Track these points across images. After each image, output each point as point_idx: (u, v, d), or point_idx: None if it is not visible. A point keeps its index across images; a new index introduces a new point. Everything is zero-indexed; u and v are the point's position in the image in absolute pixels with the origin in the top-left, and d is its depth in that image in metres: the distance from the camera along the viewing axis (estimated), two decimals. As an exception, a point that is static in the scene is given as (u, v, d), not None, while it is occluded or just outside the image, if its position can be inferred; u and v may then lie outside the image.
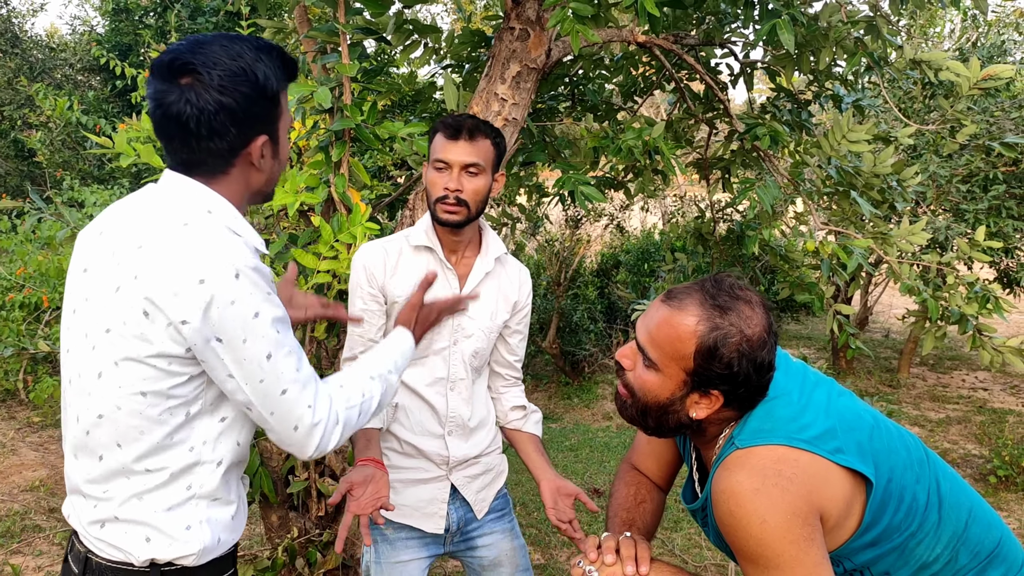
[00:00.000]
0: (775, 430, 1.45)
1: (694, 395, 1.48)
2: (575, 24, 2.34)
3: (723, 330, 1.43)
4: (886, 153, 3.33)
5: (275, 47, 1.47)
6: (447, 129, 2.06)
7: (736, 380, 1.44)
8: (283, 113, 1.49)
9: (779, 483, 1.38)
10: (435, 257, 2.12)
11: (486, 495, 2.28)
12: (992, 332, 3.21)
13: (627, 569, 1.53)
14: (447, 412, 2.17)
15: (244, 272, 1.35)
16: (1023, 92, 6.12)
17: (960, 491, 1.59)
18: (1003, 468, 5.31)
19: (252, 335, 1.36)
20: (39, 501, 4.54)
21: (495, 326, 2.20)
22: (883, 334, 10.58)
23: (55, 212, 4.48)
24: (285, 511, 2.69)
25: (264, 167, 1.48)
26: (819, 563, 1.37)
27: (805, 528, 1.37)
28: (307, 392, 1.44)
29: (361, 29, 2.61)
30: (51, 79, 10.95)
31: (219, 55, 1.37)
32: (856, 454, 1.45)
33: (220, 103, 1.36)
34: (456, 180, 2.04)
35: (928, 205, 6.57)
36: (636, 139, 2.96)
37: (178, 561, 1.45)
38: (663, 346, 1.47)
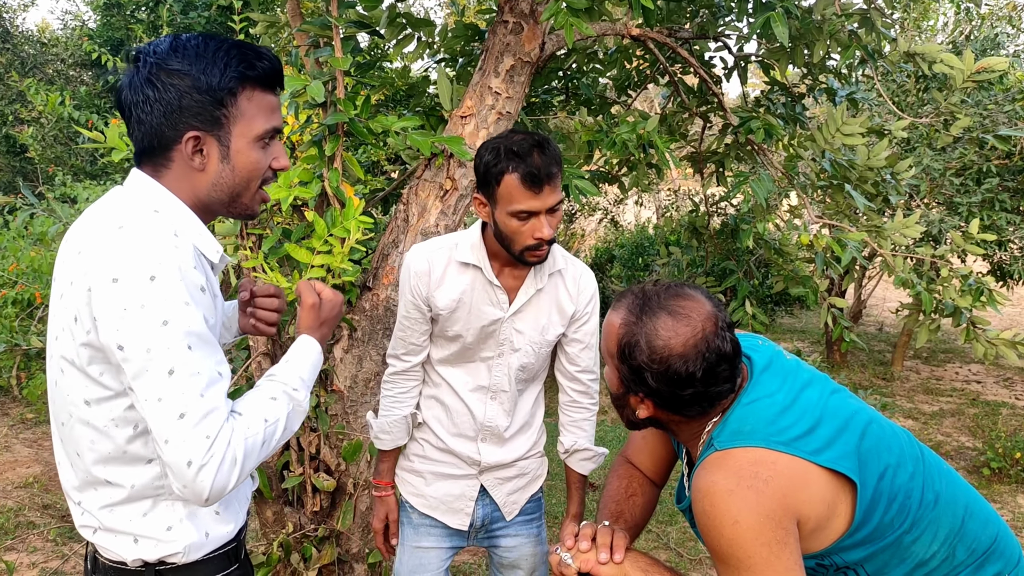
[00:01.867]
0: (754, 432, 1.45)
1: (632, 396, 1.53)
2: (569, 17, 2.33)
3: (634, 336, 1.46)
4: (880, 146, 3.33)
5: (241, 47, 1.41)
6: (527, 180, 1.84)
7: (648, 387, 1.47)
8: (240, 116, 1.41)
9: (754, 485, 1.39)
10: (481, 275, 2.02)
11: (518, 498, 2.24)
12: (986, 325, 3.22)
13: (600, 556, 1.56)
14: (484, 420, 2.13)
15: (163, 276, 1.27)
16: (1016, 85, 6.13)
17: (956, 487, 1.59)
18: (996, 460, 5.33)
19: (157, 345, 1.25)
20: (33, 498, 4.53)
21: (545, 341, 2.09)
22: (877, 327, 10.61)
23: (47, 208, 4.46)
24: (280, 507, 2.69)
25: (207, 169, 1.41)
26: (790, 568, 1.38)
27: (778, 531, 1.37)
28: (208, 422, 1.27)
29: (354, 23, 2.60)
30: (43, 74, 10.90)
31: (165, 48, 1.37)
32: (840, 454, 1.44)
33: (147, 94, 1.36)
34: (548, 226, 1.89)
35: (922, 198, 6.58)
36: (630, 133, 2.95)
37: (168, 560, 1.45)
38: (605, 339, 1.55)
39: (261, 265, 2.47)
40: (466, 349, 2.09)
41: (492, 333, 2.06)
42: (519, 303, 2.04)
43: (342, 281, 2.52)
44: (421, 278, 2.03)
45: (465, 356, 2.10)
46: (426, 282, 2.03)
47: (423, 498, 2.19)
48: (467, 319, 2.04)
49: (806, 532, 1.44)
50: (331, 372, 2.67)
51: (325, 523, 2.70)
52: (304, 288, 1.63)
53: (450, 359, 2.12)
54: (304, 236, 2.51)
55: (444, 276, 2.03)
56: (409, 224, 2.72)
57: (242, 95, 1.40)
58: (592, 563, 1.56)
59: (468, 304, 2.04)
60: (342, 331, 2.67)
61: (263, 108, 1.44)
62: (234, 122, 1.41)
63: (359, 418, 2.70)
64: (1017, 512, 4.81)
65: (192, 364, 1.27)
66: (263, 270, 2.46)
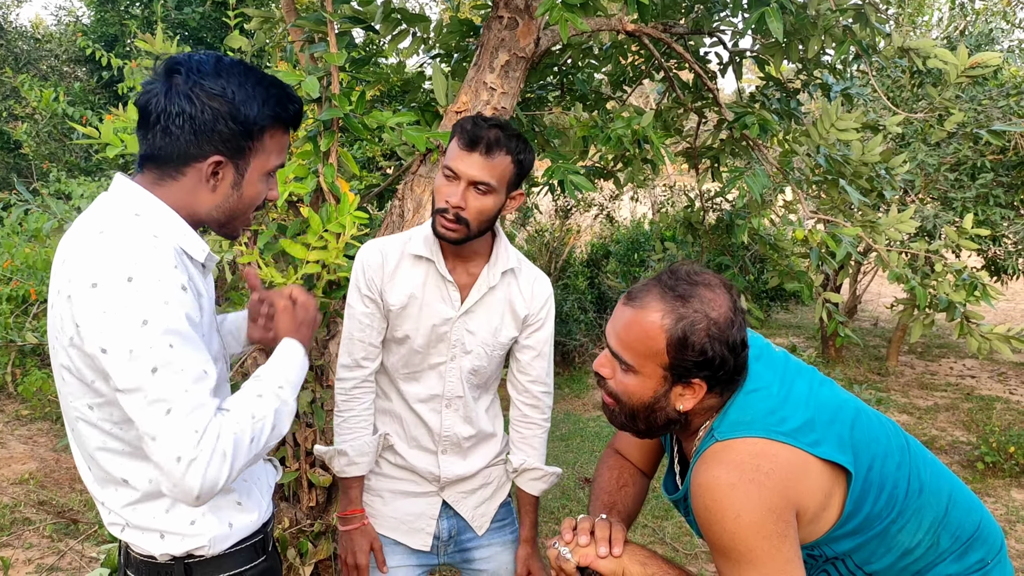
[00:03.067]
0: (754, 422, 1.46)
1: (677, 388, 1.49)
2: (564, 12, 2.33)
3: (689, 319, 1.43)
4: (874, 142, 3.34)
5: (281, 87, 1.45)
6: (464, 136, 1.83)
7: (713, 364, 1.44)
8: (261, 150, 1.45)
9: (755, 478, 1.39)
10: (434, 268, 1.96)
11: (486, 509, 2.15)
12: (980, 319, 3.23)
13: (600, 550, 1.55)
14: (440, 430, 2.05)
15: (140, 277, 1.27)
16: (1010, 80, 6.14)
17: (940, 476, 1.61)
18: (990, 455, 5.35)
19: (138, 345, 1.26)
20: (28, 494, 4.52)
21: (498, 343, 2.02)
22: (872, 322, 10.63)
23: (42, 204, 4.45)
24: (276, 501, 2.69)
25: (217, 190, 1.44)
26: (790, 560, 1.39)
27: (779, 525, 1.38)
28: (195, 418, 1.28)
29: (349, 18, 2.60)
30: (36, 70, 10.86)
31: (209, 68, 1.38)
32: (835, 445, 1.46)
33: (182, 107, 1.36)
34: (460, 195, 1.83)
35: (916, 193, 6.60)
36: (625, 128, 2.95)
37: (195, 553, 1.47)
38: (635, 347, 1.47)
39: (256, 261, 2.47)
40: (414, 354, 2.00)
41: (443, 336, 1.98)
42: (471, 301, 1.97)
43: (337, 277, 2.52)
44: (375, 270, 1.97)
45: (413, 363, 2.01)
46: (379, 275, 1.96)
47: (381, 519, 2.09)
48: (418, 317, 1.97)
49: (804, 523, 1.45)
50: (326, 368, 2.67)
51: (321, 518, 2.70)
52: (274, 295, 1.64)
53: (399, 367, 2.03)
54: (299, 232, 2.51)
55: (397, 270, 1.97)
56: (404, 220, 2.72)
57: (268, 133, 1.44)
58: (591, 557, 1.55)
59: (419, 301, 1.96)
60: (337, 327, 2.67)
61: (280, 146, 1.49)
62: (255, 155, 1.45)
63: (355, 414, 2.70)
64: (1011, 506, 4.83)
65: (175, 362, 1.28)
66: (258, 266, 2.46)
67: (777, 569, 1.38)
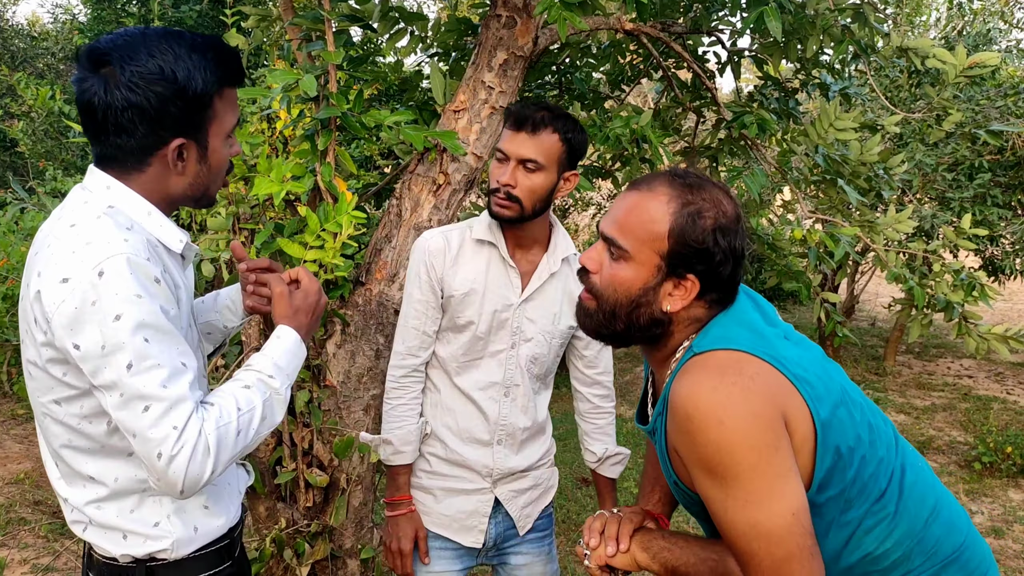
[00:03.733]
0: (738, 338, 1.35)
1: (667, 284, 1.39)
2: (562, 11, 2.32)
3: (697, 205, 1.36)
4: (873, 141, 3.33)
5: (215, 46, 1.37)
6: (512, 118, 1.91)
7: (712, 260, 1.36)
8: (216, 117, 1.39)
9: (739, 381, 1.27)
10: (497, 253, 1.99)
11: (532, 511, 2.17)
12: (978, 319, 3.23)
13: (608, 549, 1.52)
14: (498, 419, 2.05)
15: (111, 271, 1.25)
16: (1008, 80, 6.14)
17: (926, 486, 1.49)
18: (988, 455, 5.36)
19: (112, 341, 1.23)
20: (24, 494, 4.51)
21: (557, 331, 2.06)
22: (869, 322, 10.64)
23: (38, 203, 4.44)
24: (273, 502, 2.68)
25: (186, 171, 1.40)
26: (782, 474, 1.25)
27: (767, 434, 1.25)
28: (175, 413, 1.25)
29: (346, 17, 2.59)
30: (33, 68, 10.83)
31: (139, 50, 1.31)
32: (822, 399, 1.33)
33: (128, 100, 1.30)
34: (511, 174, 1.89)
35: (914, 193, 6.60)
36: (624, 127, 2.95)
37: (157, 556, 1.44)
38: (635, 230, 1.38)
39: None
40: (476, 340, 2.02)
41: (504, 322, 2.01)
42: (532, 287, 2.01)
43: (334, 276, 2.51)
44: (436, 256, 1.99)
45: (474, 351, 2.03)
46: (441, 260, 1.98)
47: (433, 516, 2.09)
48: (481, 303, 1.99)
49: (794, 445, 1.30)
50: (324, 367, 2.66)
51: (318, 519, 2.69)
52: (272, 278, 1.59)
53: (457, 356, 2.04)
54: (297, 231, 2.50)
55: (459, 255, 2.00)
56: (402, 219, 2.71)
57: (217, 97, 1.38)
58: (604, 558, 1.53)
59: (482, 288, 1.99)
60: (335, 326, 2.66)
61: (231, 105, 1.43)
62: (211, 124, 1.39)
63: (352, 413, 2.69)
64: (1008, 506, 4.83)
65: (151, 357, 1.26)
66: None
67: (767, 485, 1.24)
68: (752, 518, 1.26)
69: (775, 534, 1.25)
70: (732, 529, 1.28)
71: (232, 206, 2.68)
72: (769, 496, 1.25)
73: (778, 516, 1.25)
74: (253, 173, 2.56)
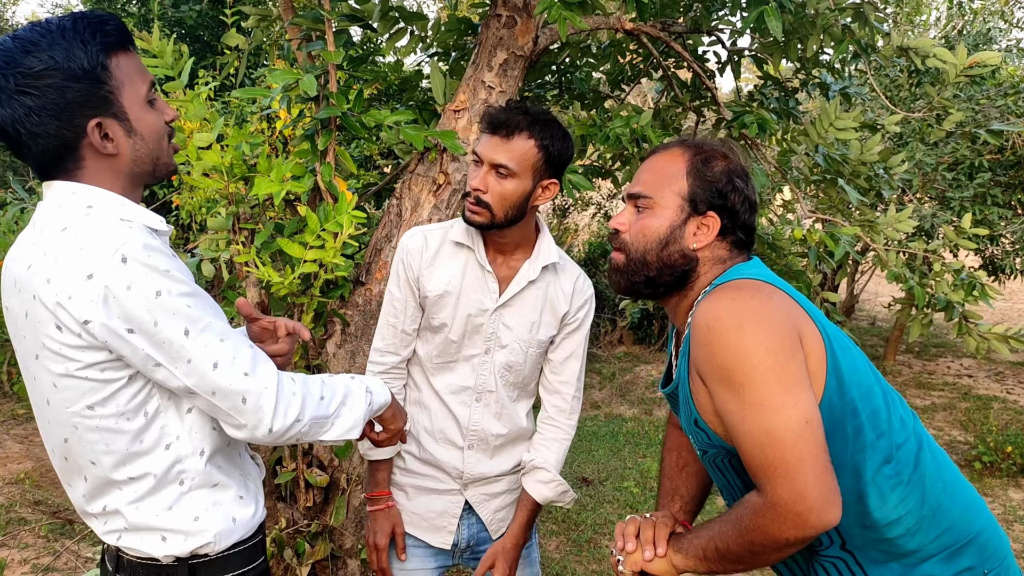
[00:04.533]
0: (754, 272, 1.48)
1: (691, 224, 1.52)
2: (562, 11, 2.32)
3: (707, 151, 1.54)
4: (873, 141, 3.33)
5: (84, 17, 1.32)
6: (487, 121, 1.86)
7: (728, 197, 1.51)
8: (121, 86, 1.34)
9: (757, 296, 1.37)
10: (475, 257, 1.96)
11: (506, 515, 2.12)
12: (978, 319, 3.22)
13: (646, 554, 1.52)
14: (469, 424, 2.02)
15: (132, 255, 1.26)
16: (1008, 80, 6.14)
17: (942, 465, 1.52)
18: (988, 454, 5.35)
19: (161, 315, 1.27)
20: (24, 494, 4.51)
21: (535, 340, 1.99)
22: (869, 322, 10.64)
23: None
24: (273, 502, 2.68)
25: (120, 149, 1.36)
26: (797, 382, 1.30)
27: (784, 340, 1.31)
28: (240, 360, 1.34)
29: (346, 16, 2.59)
30: (33, 68, 10.82)
31: (13, 53, 1.27)
32: (832, 334, 1.42)
33: (26, 104, 1.27)
34: (482, 179, 1.84)
35: (914, 193, 6.60)
36: (624, 127, 2.95)
37: (200, 552, 1.44)
38: (656, 177, 1.55)
39: (253, 260, 2.46)
40: (450, 343, 1.99)
41: (479, 327, 1.97)
42: (510, 293, 1.96)
43: (335, 276, 2.51)
44: (414, 255, 1.96)
45: (448, 353, 2.00)
46: (418, 260, 1.96)
47: (404, 513, 2.08)
48: (455, 306, 1.96)
49: (809, 368, 1.36)
50: (324, 367, 2.66)
51: (318, 519, 2.69)
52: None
53: (432, 357, 2.02)
54: (297, 231, 2.50)
55: (437, 255, 1.97)
56: (402, 219, 2.71)
57: (112, 64, 1.33)
58: (640, 563, 1.52)
59: (457, 291, 1.96)
60: (335, 326, 2.66)
61: (134, 68, 1.37)
62: (120, 94, 1.34)
63: (352, 413, 2.69)
64: (1008, 506, 4.83)
65: (199, 320, 1.31)
66: (255, 265, 2.45)
67: (781, 390, 1.29)
68: (767, 423, 1.29)
69: (788, 439, 1.28)
70: (749, 439, 1.32)
71: (232, 206, 2.67)
72: (782, 402, 1.29)
73: (792, 421, 1.28)
74: (253, 173, 2.56)
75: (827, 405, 1.37)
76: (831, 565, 1.51)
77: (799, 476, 1.26)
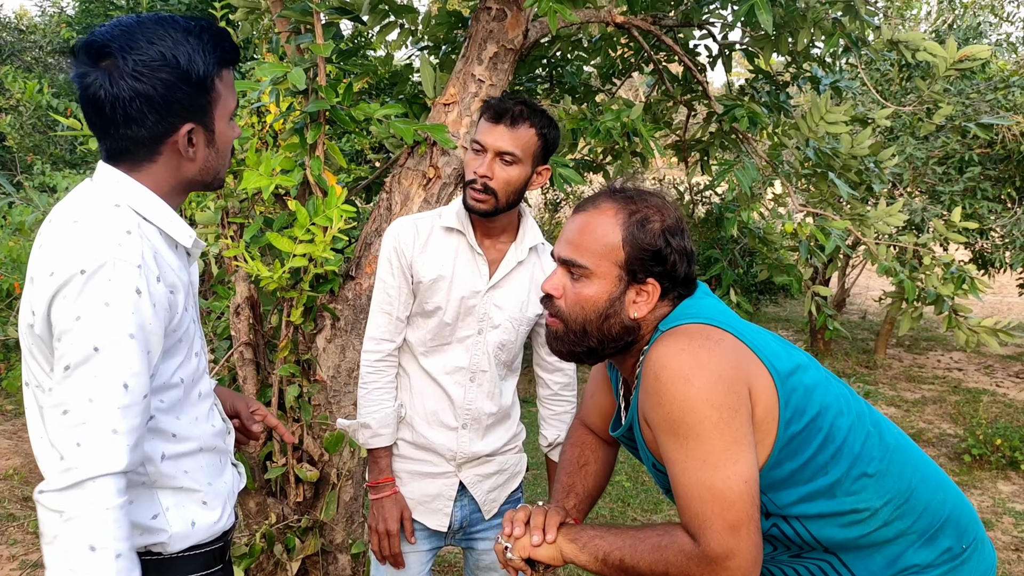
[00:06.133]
0: (701, 312, 1.46)
1: (631, 292, 1.48)
2: (553, 4, 2.31)
3: (642, 213, 1.47)
4: (863, 135, 3.34)
5: (209, 28, 1.38)
6: (490, 111, 1.96)
7: (667, 261, 1.46)
8: (219, 99, 1.41)
9: (706, 345, 1.36)
10: (465, 241, 2.04)
11: (498, 496, 2.19)
12: (968, 312, 3.23)
13: (533, 539, 1.53)
14: (464, 404, 2.08)
15: (101, 270, 1.25)
16: (998, 74, 6.16)
17: (907, 452, 1.55)
18: (977, 447, 5.38)
19: (68, 336, 1.24)
20: (12, 490, 4.49)
21: (524, 318, 2.10)
22: (860, 315, 10.68)
23: (25, 197, 4.40)
24: (263, 497, 2.67)
25: (196, 156, 1.41)
26: (739, 440, 1.33)
27: (729, 396, 1.32)
28: (88, 431, 1.21)
29: (335, 9, 2.57)
30: (20, 62, 10.75)
31: (138, 38, 1.31)
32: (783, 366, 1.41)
33: (135, 89, 1.31)
34: (487, 166, 1.94)
35: (905, 187, 6.61)
36: (615, 121, 2.94)
37: (153, 549, 1.43)
38: (591, 246, 1.48)
39: (243, 254, 2.45)
40: (444, 327, 2.05)
41: (471, 309, 2.05)
42: (500, 275, 2.05)
43: (324, 270, 2.50)
44: (406, 242, 2.03)
45: (442, 336, 2.07)
46: (411, 246, 2.03)
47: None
48: (448, 289, 2.03)
49: (756, 417, 1.37)
50: (314, 362, 2.65)
51: (308, 513, 2.68)
52: None
53: (426, 341, 2.08)
54: (286, 225, 2.48)
55: (428, 241, 2.04)
56: (392, 212, 2.70)
57: (219, 78, 1.40)
58: (528, 548, 1.53)
59: (450, 275, 2.03)
60: (325, 321, 2.65)
61: (230, 86, 1.44)
62: (215, 105, 1.41)
63: (342, 408, 2.68)
64: (997, 498, 4.86)
65: (96, 366, 1.24)
66: (244, 259, 2.43)
67: (723, 447, 1.31)
68: (708, 479, 1.32)
69: (728, 498, 1.31)
70: (688, 491, 1.35)
71: (221, 200, 2.66)
72: (724, 459, 1.32)
73: (732, 480, 1.32)
74: (242, 167, 2.54)
75: (785, 436, 1.40)
76: (816, 567, 1.53)
77: (735, 536, 1.31)
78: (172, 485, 1.44)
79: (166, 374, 1.41)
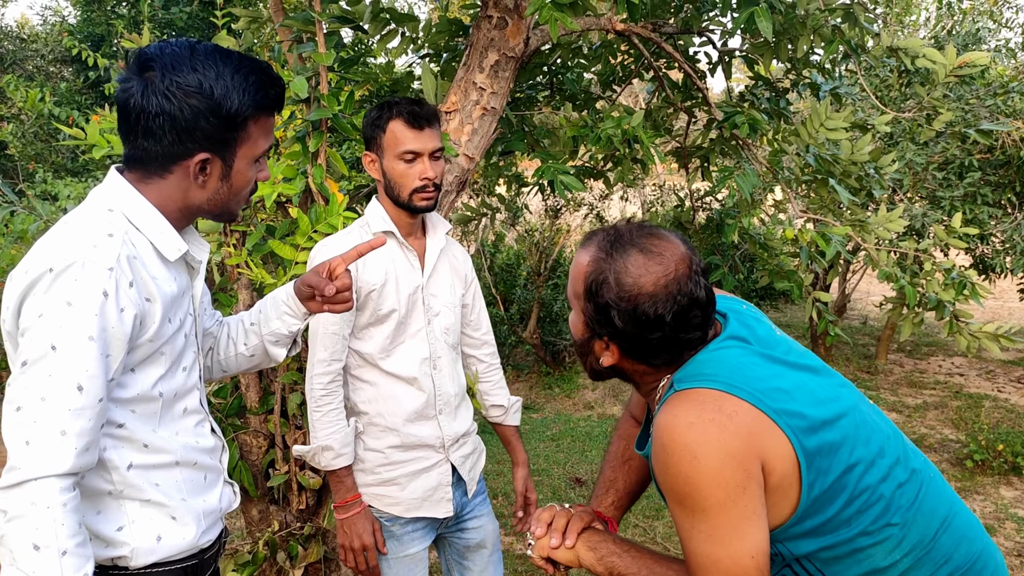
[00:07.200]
0: (718, 375, 1.35)
1: (597, 342, 1.44)
2: (553, 12, 2.32)
3: (602, 274, 1.39)
4: (863, 141, 3.34)
5: (260, 71, 1.40)
6: (410, 119, 2.06)
7: (615, 328, 1.38)
8: (247, 139, 1.42)
9: (717, 419, 1.28)
10: (396, 240, 2.14)
11: (475, 474, 2.33)
12: (969, 318, 3.23)
13: (552, 541, 1.54)
14: (434, 391, 2.18)
15: (68, 269, 1.27)
16: (998, 80, 6.17)
17: (938, 499, 1.47)
18: (979, 452, 5.37)
19: (28, 333, 1.25)
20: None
21: (456, 300, 2.25)
22: (861, 321, 10.67)
23: (28, 206, 4.41)
24: (266, 505, 2.67)
25: (207, 185, 1.43)
26: (747, 516, 1.28)
27: (738, 473, 1.26)
28: (37, 431, 1.21)
29: (337, 18, 2.58)
30: (22, 70, 10.78)
31: (183, 62, 1.35)
32: (807, 428, 1.32)
33: (162, 107, 1.34)
34: (431, 167, 2.07)
35: (905, 192, 6.62)
36: (615, 128, 2.95)
37: (119, 563, 1.41)
38: (572, 282, 1.47)
39: (245, 262, 2.46)
40: (400, 325, 2.14)
41: (416, 302, 2.15)
42: (430, 264, 2.18)
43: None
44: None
45: (400, 334, 2.14)
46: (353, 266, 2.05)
47: (403, 503, 2.16)
48: (397, 289, 2.12)
49: (771, 485, 1.31)
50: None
51: (311, 521, 2.69)
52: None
53: (385, 346, 2.12)
54: (288, 233, 2.49)
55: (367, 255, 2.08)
56: (394, 220, 2.71)
57: (252, 121, 1.42)
58: (547, 549, 1.54)
59: (395, 275, 2.12)
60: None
61: (266, 131, 1.46)
62: (241, 145, 1.42)
63: (345, 415, 2.68)
64: (1000, 504, 4.85)
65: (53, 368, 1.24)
66: (247, 267, 2.44)
67: (732, 525, 1.27)
68: (714, 554, 1.30)
69: (732, 572, 1.29)
70: (693, 559, 1.33)
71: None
72: (731, 536, 1.28)
73: (738, 556, 1.29)
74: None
75: (810, 498, 1.34)
76: None
77: None
78: (140, 497, 1.42)
79: (144, 384, 1.40)
